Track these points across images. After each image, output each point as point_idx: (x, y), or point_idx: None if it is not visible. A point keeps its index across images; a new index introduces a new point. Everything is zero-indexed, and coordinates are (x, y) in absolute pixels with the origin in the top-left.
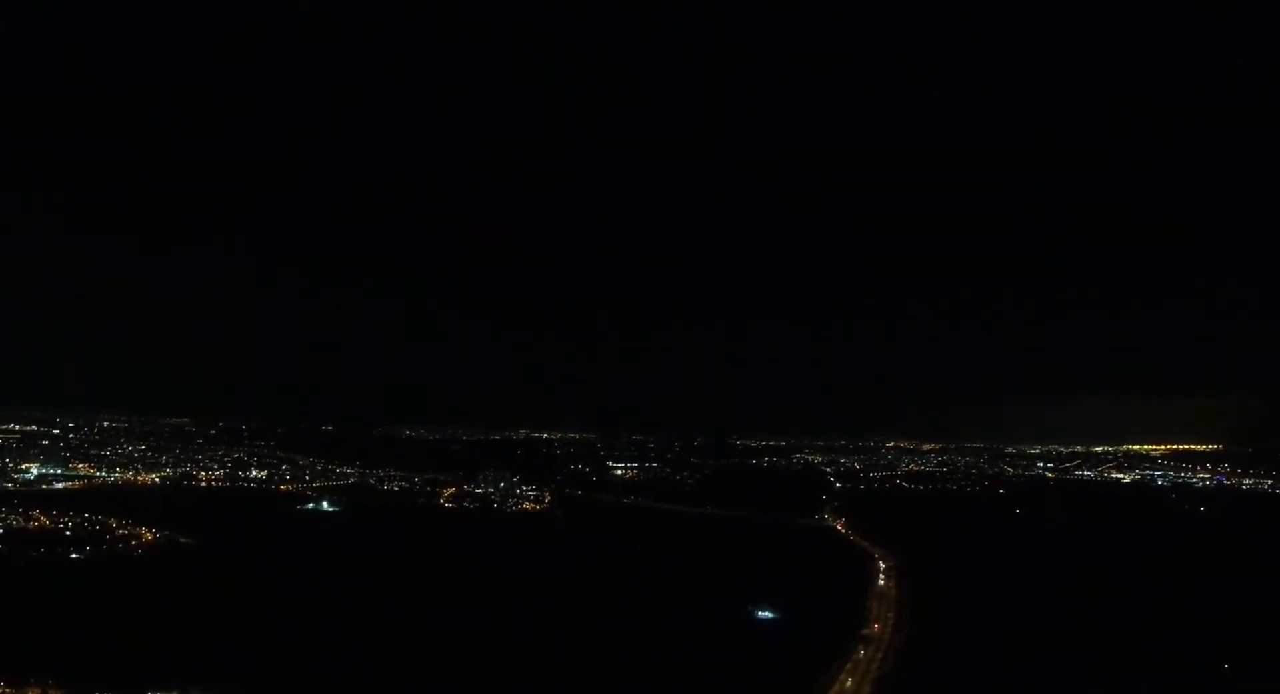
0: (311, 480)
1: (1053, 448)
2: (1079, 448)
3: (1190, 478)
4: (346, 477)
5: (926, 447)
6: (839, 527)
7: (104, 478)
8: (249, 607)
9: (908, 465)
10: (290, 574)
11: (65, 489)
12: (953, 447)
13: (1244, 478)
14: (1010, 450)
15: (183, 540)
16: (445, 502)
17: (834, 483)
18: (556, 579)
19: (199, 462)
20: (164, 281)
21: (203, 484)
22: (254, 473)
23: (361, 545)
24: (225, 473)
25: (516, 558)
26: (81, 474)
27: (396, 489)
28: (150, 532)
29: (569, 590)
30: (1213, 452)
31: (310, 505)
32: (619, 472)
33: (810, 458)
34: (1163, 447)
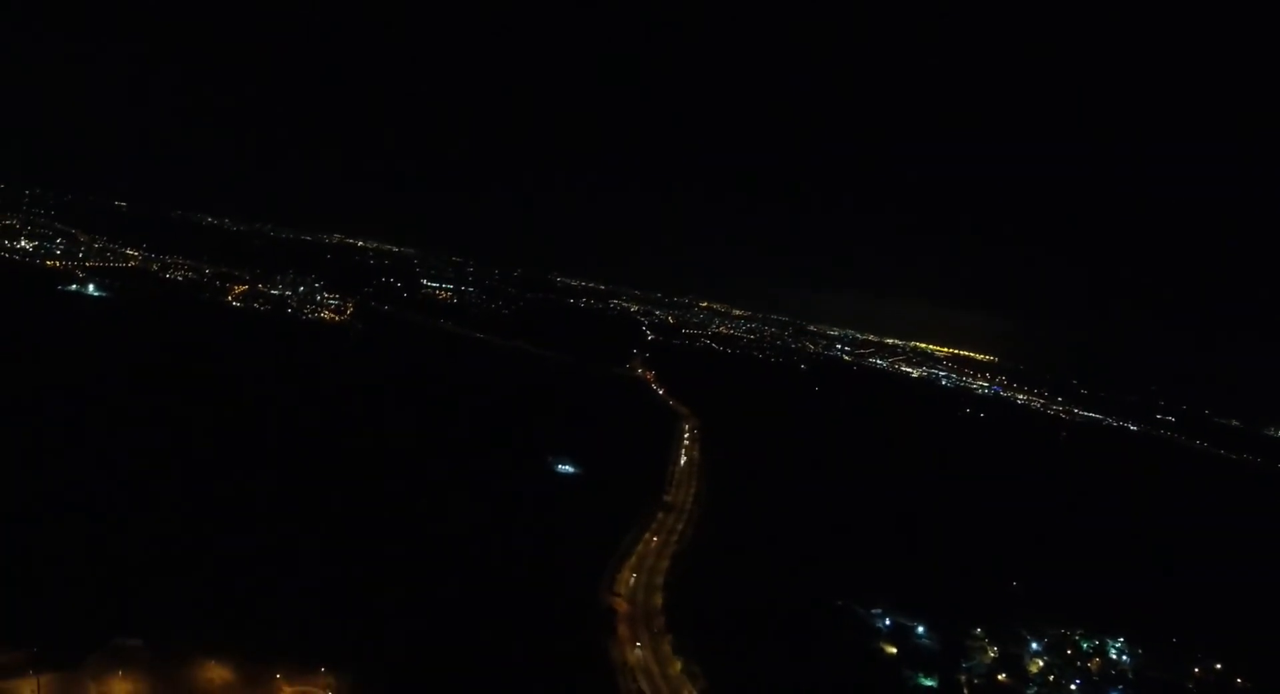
0: (85, 259)
1: (850, 333)
2: (873, 337)
3: (971, 383)
4: (127, 259)
5: (737, 312)
6: (649, 379)
7: None
8: None
9: (718, 327)
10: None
11: None
12: (760, 316)
13: (1017, 393)
14: (812, 328)
15: None
16: (233, 299)
17: (647, 334)
18: (346, 412)
19: None
20: None
21: None
22: (21, 243)
23: (116, 342)
24: None
25: (301, 381)
26: None
27: (180, 279)
28: None
29: (363, 429)
30: (989, 362)
31: (74, 287)
32: (434, 291)
33: (627, 305)
34: (946, 349)
